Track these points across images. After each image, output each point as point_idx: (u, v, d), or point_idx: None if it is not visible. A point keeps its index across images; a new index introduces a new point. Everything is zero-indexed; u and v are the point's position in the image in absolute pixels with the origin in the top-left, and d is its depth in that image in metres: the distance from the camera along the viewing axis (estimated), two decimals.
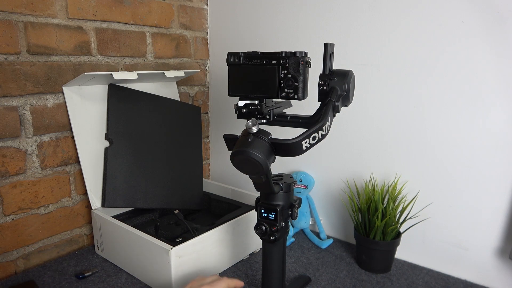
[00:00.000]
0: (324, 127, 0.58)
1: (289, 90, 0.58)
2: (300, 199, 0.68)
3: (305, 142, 0.57)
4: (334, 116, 0.61)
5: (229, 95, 0.63)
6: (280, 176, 0.68)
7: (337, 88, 0.59)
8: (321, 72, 0.62)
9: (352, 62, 0.95)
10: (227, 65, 0.62)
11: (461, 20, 0.79)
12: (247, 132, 0.57)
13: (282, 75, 0.58)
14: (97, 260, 0.91)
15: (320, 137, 0.58)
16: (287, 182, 0.64)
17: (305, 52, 0.57)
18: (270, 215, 0.64)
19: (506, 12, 0.74)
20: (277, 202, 0.64)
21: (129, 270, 0.85)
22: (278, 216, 0.63)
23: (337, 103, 0.59)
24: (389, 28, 0.89)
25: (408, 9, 0.85)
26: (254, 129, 0.56)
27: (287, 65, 0.57)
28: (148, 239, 0.77)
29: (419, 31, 0.84)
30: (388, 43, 0.89)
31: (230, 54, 0.61)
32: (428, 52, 0.84)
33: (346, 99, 0.61)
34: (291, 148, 0.57)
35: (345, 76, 0.59)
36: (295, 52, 0.57)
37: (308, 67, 0.58)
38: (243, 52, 0.61)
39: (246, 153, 0.55)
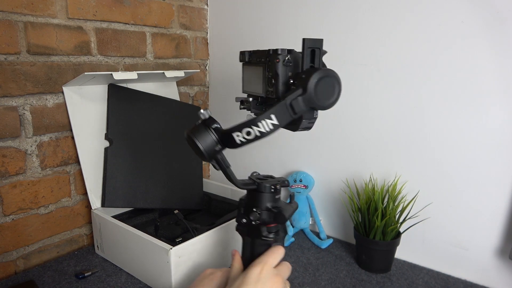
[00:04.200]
0: (261, 124, 0.54)
1: (270, 89, 0.58)
2: (281, 213, 0.61)
3: (237, 135, 0.55)
4: (293, 117, 0.56)
5: (242, 91, 0.67)
6: (271, 177, 0.64)
7: (300, 87, 0.54)
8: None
9: (352, 62, 0.95)
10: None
11: (461, 20, 0.79)
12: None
13: (267, 74, 0.58)
14: (97, 260, 0.91)
15: (258, 134, 0.54)
16: (262, 183, 0.61)
17: (285, 50, 0.56)
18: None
19: (506, 12, 0.74)
20: (249, 199, 0.62)
21: (129, 270, 0.85)
22: (240, 210, 0.62)
23: (292, 102, 0.54)
24: (389, 28, 0.89)
25: (408, 9, 0.85)
26: (201, 117, 0.58)
27: (269, 63, 0.57)
28: (148, 239, 0.77)
29: (419, 31, 0.84)
30: (388, 43, 0.89)
31: (240, 53, 0.64)
32: (428, 52, 0.84)
33: (310, 100, 0.54)
34: (225, 139, 0.56)
35: (310, 74, 0.53)
36: (275, 50, 0.56)
37: (287, 65, 0.57)
38: (248, 51, 0.62)
39: (188, 135, 0.57)
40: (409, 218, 0.88)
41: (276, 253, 0.58)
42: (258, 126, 0.55)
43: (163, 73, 0.95)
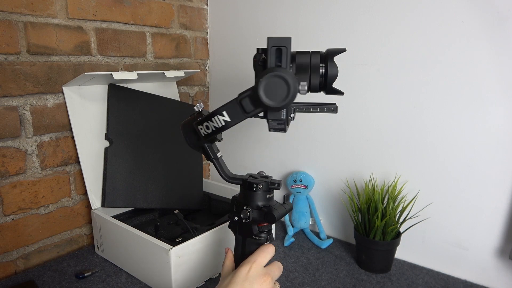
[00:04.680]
0: (214, 119, 0.57)
1: None
2: (270, 212, 0.59)
3: (200, 128, 0.59)
4: (246, 115, 0.56)
5: None
6: (265, 177, 0.63)
7: (254, 87, 0.54)
8: None
9: (352, 62, 0.95)
10: None
11: (461, 20, 0.79)
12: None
13: None
14: (97, 260, 0.91)
15: (213, 128, 0.58)
16: (247, 179, 0.61)
17: (258, 49, 0.57)
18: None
19: (506, 12, 0.74)
20: (240, 197, 0.62)
21: (129, 270, 0.85)
22: (233, 207, 0.63)
23: (241, 100, 0.55)
24: (389, 28, 0.89)
25: (408, 9, 0.85)
26: (195, 109, 0.61)
27: None
28: (148, 239, 0.77)
29: (419, 31, 0.84)
30: (388, 43, 0.89)
31: None
32: (428, 52, 0.84)
33: (257, 100, 0.54)
34: (194, 132, 0.61)
35: (262, 74, 0.53)
36: (258, 49, 0.57)
37: (262, 65, 0.57)
38: None
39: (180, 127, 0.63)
40: (409, 218, 0.88)
41: (266, 252, 0.58)
42: (212, 121, 0.57)
43: (163, 73, 0.95)
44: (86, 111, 0.93)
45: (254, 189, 0.59)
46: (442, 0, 0.81)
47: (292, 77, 0.51)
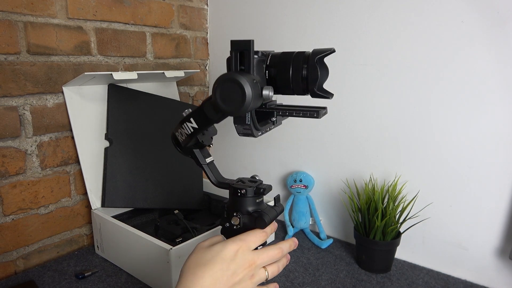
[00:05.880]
0: (184, 126, 0.59)
1: None
2: (260, 217, 0.57)
3: (177, 135, 0.60)
4: (210, 122, 0.55)
5: None
6: (254, 181, 0.60)
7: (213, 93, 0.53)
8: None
9: (352, 62, 0.95)
10: None
11: (461, 20, 0.79)
12: None
13: None
14: (97, 260, 0.91)
15: (185, 135, 0.60)
16: (233, 184, 0.59)
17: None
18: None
19: (506, 12, 0.74)
20: (229, 203, 0.60)
21: (129, 270, 0.85)
22: (223, 213, 0.60)
23: (204, 107, 0.54)
24: (389, 28, 0.89)
25: (409, 9, 0.85)
26: (183, 114, 0.61)
27: None
28: (148, 239, 0.77)
29: (419, 31, 0.84)
30: (388, 43, 0.89)
31: None
32: (428, 52, 0.84)
33: (216, 106, 0.52)
34: (174, 138, 0.63)
35: (217, 80, 0.51)
36: None
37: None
38: None
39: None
40: (409, 218, 0.88)
41: (256, 237, 0.53)
42: (182, 128, 0.58)
43: (163, 73, 0.96)
44: (86, 111, 0.93)
45: (239, 194, 0.57)
46: (442, 0, 0.81)
47: (247, 81, 0.48)
